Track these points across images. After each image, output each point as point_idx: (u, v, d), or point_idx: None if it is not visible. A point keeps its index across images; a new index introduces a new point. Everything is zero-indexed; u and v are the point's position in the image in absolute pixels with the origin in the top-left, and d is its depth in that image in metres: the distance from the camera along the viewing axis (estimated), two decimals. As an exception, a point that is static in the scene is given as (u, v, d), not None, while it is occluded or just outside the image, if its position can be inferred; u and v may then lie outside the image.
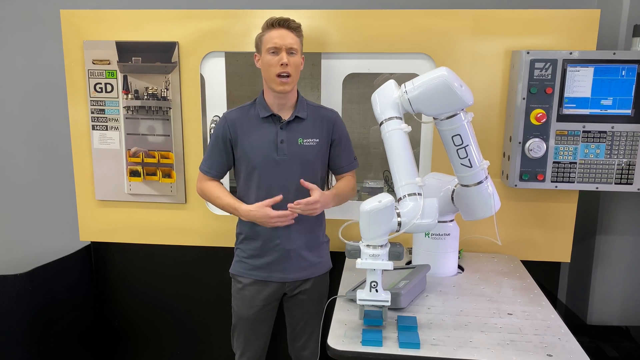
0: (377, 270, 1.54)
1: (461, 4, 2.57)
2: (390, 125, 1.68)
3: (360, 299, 1.56)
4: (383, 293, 1.55)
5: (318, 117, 2.02)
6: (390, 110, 1.69)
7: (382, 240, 1.54)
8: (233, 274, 2.12)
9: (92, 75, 2.38)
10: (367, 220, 1.53)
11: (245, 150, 1.97)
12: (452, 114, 1.68)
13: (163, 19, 2.31)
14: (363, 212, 1.53)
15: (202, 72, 2.37)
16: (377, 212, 1.52)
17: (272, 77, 1.89)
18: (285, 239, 1.99)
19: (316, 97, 2.92)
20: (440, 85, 1.64)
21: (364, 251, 1.55)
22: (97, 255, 2.62)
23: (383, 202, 1.52)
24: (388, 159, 1.68)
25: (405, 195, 1.60)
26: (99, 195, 2.49)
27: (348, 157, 2.09)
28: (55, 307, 2.48)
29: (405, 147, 1.66)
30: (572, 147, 2.11)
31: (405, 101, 1.68)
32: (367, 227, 1.53)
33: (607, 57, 2.03)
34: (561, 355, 1.45)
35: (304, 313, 2.13)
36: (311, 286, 2.08)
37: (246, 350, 2.14)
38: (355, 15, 2.23)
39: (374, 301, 1.56)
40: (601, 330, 2.50)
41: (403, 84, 1.70)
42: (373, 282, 1.55)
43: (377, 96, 1.73)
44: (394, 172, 1.65)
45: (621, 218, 2.47)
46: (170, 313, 2.63)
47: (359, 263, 1.55)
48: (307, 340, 2.16)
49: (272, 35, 1.89)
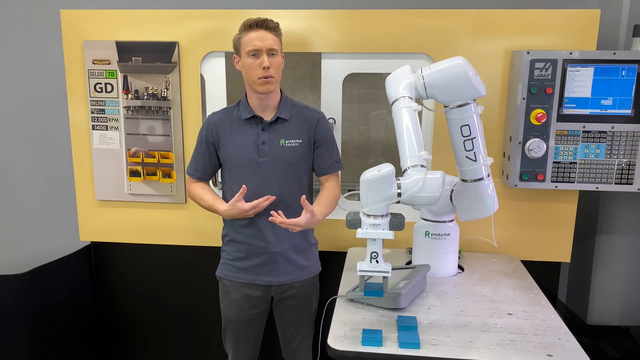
0: (377, 240, 1.54)
1: (461, 4, 2.57)
2: (402, 103, 1.68)
3: (361, 269, 1.56)
4: (383, 264, 1.55)
5: (301, 118, 1.98)
6: (404, 90, 1.71)
7: (382, 209, 1.54)
8: (219, 276, 2.10)
9: (92, 75, 2.38)
10: (366, 188, 1.53)
11: (228, 152, 1.96)
12: (463, 102, 1.70)
13: (163, 19, 2.31)
14: (363, 180, 1.53)
15: (202, 72, 2.37)
16: (376, 180, 1.52)
17: (254, 79, 1.87)
18: (271, 242, 1.96)
19: (316, 97, 2.93)
20: (458, 73, 1.67)
21: (364, 220, 1.54)
22: (97, 255, 2.62)
23: (382, 171, 1.52)
24: (396, 135, 1.67)
25: (408, 167, 1.59)
26: (99, 195, 2.49)
27: (330, 158, 2.01)
28: (55, 307, 2.48)
29: (414, 123, 1.65)
30: (572, 147, 2.11)
31: (421, 84, 1.70)
32: (366, 195, 1.53)
33: (607, 57, 2.03)
34: (561, 355, 1.45)
35: (292, 318, 2.10)
36: (298, 291, 2.04)
37: (237, 352, 2.13)
38: (355, 15, 2.23)
39: (374, 272, 1.55)
40: (601, 330, 2.50)
41: (419, 68, 1.72)
42: (373, 253, 1.54)
43: (392, 77, 1.75)
44: (401, 145, 1.64)
45: (621, 218, 2.47)
46: (170, 313, 2.63)
47: (359, 232, 1.55)
48: (299, 344, 2.14)
49: (251, 37, 1.85)
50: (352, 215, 1.57)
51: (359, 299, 1.77)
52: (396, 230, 1.56)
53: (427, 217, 2.02)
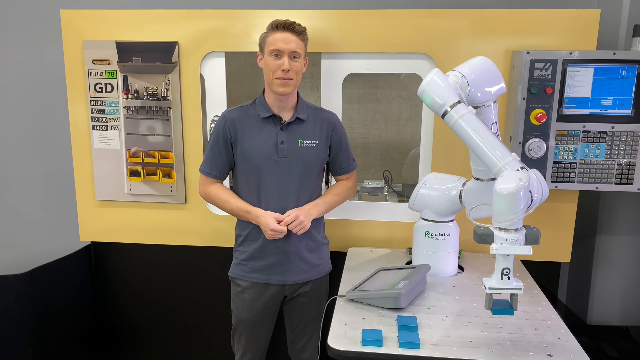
0: (510, 256, 1.43)
1: (461, 4, 2.57)
2: (460, 109, 1.58)
3: (491, 287, 1.44)
4: (515, 281, 1.44)
5: (318, 119, 2.01)
6: (453, 95, 1.60)
7: (519, 222, 1.42)
8: (232, 276, 2.11)
9: (92, 75, 2.38)
10: (509, 201, 1.39)
11: (245, 150, 1.96)
12: (495, 99, 1.68)
13: (163, 19, 2.31)
14: (508, 194, 1.38)
15: (202, 72, 2.37)
16: (520, 191, 1.38)
17: (272, 79, 1.89)
18: (285, 241, 1.98)
19: (316, 97, 2.93)
20: (490, 67, 1.65)
21: (499, 235, 1.42)
22: (97, 255, 2.62)
23: (524, 178, 1.39)
24: (470, 144, 1.59)
25: (518, 170, 1.49)
26: (99, 195, 2.49)
27: (347, 159, 2.09)
28: (55, 307, 2.48)
29: (486, 126, 1.60)
30: (572, 147, 2.11)
31: (464, 85, 1.64)
32: (505, 209, 1.40)
33: (607, 57, 2.03)
34: (561, 355, 1.45)
35: (303, 316, 2.12)
36: (310, 289, 2.07)
37: (246, 352, 2.14)
38: (355, 15, 2.23)
39: (506, 289, 1.44)
40: (601, 330, 2.50)
41: (451, 72, 1.66)
42: (505, 270, 1.43)
43: (430, 87, 1.62)
44: (487, 153, 1.55)
45: (621, 218, 2.47)
46: (170, 313, 2.63)
47: (494, 249, 1.42)
48: (306, 342, 2.16)
49: (276, 37, 1.87)
50: (482, 230, 1.45)
51: (359, 299, 1.77)
52: (533, 244, 1.44)
53: (427, 217, 2.02)
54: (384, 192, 2.67)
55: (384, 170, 2.93)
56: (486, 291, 1.45)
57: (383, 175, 2.89)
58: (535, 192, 1.49)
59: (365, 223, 2.42)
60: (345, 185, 2.11)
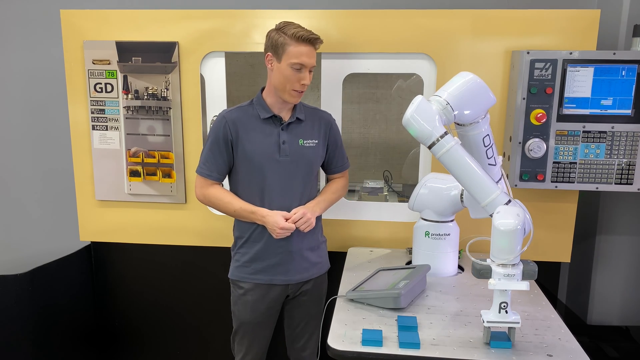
0: (507, 290, 1.45)
1: (461, 4, 2.57)
2: (448, 141, 1.56)
3: (488, 321, 1.47)
4: (512, 314, 1.47)
5: (316, 119, 2.03)
6: (439, 127, 1.57)
7: (517, 258, 1.44)
8: (233, 279, 2.08)
9: (92, 75, 2.38)
10: (508, 238, 1.42)
11: (247, 150, 1.95)
12: (484, 114, 1.65)
13: (163, 19, 2.31)
14: (507, 230, 1.41)
15: (202, 72, 2.37)
16: (521, 227, 1.42)
17: (288, 89, 1.88)
18: (288, 241, 1.98)
19: (316, 97, 2.92)
20: (476, 84, 1.60)
21: (497, 271, 1.44)
22: (97, 255, 2.62)
23: (520, 214, 1.43)
24: (458, 177, 1.61)
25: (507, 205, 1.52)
26: (99, 195, 2.49)
27: (342, 159, 2.13)
28: (55, 307, 2.48)
29: (472, 158, 1.60)
30: (572, 147, 2.11)
31: (448, 111, 1.58)
32: (508, 247, 1.42)
33: (607, 57, 2.03)
34: (561, 355, 1.45)
35: (303, 314, 2.12)
36: (312, 287, 2.08)
37: (247, 354, 2.13)
38: (355, 15, 2.23)
39: (503, 323, 1.47)
40: (601, 330, 2.50)
41: (433, 96, 1.62)
42: (503, 304, 1.46)
43: (416, 116, 1.57)
44: (477, 187, 1.57)
45: (621, 218, 2.47)
46: (170, 313, 2.63)
47: (492, 284, 1.44)
48: (306, 341, 2.16)
49: (302, 51, 1.83)
50: (481, 265, 1.48)
51: (359, 299, 1.77)
52: (530, 279, 1.46)
53: (427, 217, 2.02)
54: (384, 192, 2.67)
55: (384, 170, 2.93)
56: (484, 324, 1.48)
57: (383, 175, 2.89)
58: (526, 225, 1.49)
59: (365, 223, 2.42)
60: (340, 183, 2.13)
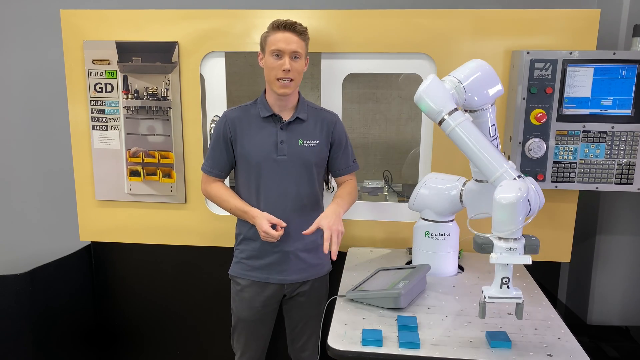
0: (509, 265, 1.43)
1: (461, 4, 2.57)
2: (457, 117, 1.58)
3: (490, 296, 1.45)
4: (514, 289, 1.45)
5: (319, 119, 2.02)
6: (450, 103, 1.59)
7: (519, 231, 1.42)
8: (232, 275, 2.12)
9: (92, 75, 2.38)
10: (508, 211, 1.39)
11: (245, 149, 1.97)
12: (493, 101, 1.66)
13: (163, 19, 2.31)
14: (505, 204, 1.39)
15: (202, 72, 2.37)
16: (523, 200, 1.39)
17: (272, 79, 1.89)
18: (284, 241, 1.98)
19: (316, 97, 2.92)
20: (487, 70, 1.62)
21: (498, 245, 1.43)
22: (97, 255, 2.62)
23: (523, 188, 1.40)
24: (467, 152, 1.60)
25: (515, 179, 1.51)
26: (99, 195, 2.49)
27: (347, 160, 2.08)
28: (55, 307, 2.48)
29: (482, 134, 1.59)
30: (572, 147, 2.11)
31: (461, 91, 1.61)
32: (505, 219, 1.40)
33: (607, 57, 2.03)
34: (561, 355, 1.45)
35: (302, 315, 2.12)
36: (310, 288, 2.08)
37: (246, 350, 2.14)
38: (355, 15, 2.23)
39: (505, 298, 1.45)
40: (601, 330, 2.50)
41: (447, 77, 1.65)
42: (505, 278, 1.44)
43: (427, 94, 1.60)
44: (485, 161, 1.56)
45: (621, 218, 2.47)
46: (170, 313, 2.63)
47: (494, 258, 1.43)
48: (306, 341, 2.16)
49: (277, 37, 1.86)
50: (482, 239, 1.46)
51: (359, 299, 1.77)
52: (532, 253, 1.45)
53: (427, 217, 2.02)
54: (384, 192, 2.67)
55: (384, 170, 2.93)
56: (485, 300, 1.46)
57: (383, 175, 2.89)
58: (533, 201, 1.49)
59: (365, 223, 2.42)
60: (352, 186, 2.08)
